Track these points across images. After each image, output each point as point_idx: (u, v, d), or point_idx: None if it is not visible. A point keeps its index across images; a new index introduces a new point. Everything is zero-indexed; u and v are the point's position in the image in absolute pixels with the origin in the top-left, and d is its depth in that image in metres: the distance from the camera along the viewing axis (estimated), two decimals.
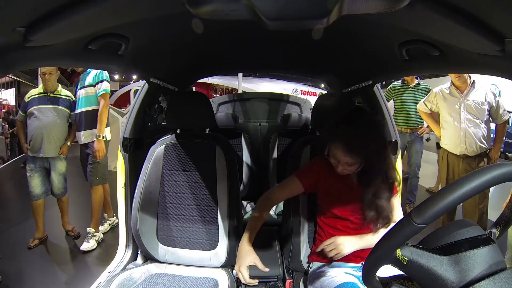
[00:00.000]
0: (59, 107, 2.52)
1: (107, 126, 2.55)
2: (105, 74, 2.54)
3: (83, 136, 2.52)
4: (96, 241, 2.55)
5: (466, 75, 2.31)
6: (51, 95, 2.51)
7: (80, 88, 2.52)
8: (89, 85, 2.48)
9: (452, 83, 2.40)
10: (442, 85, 2.51)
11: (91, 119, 2.49)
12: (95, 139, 2.47)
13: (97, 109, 2.48)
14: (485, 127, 2.32)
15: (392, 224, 1.07)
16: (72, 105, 2.59)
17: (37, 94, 2.52)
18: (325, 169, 1.12)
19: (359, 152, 0.98)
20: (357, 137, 0.97)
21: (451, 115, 2.41)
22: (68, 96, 2.59)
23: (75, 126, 2.60)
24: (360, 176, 1.08)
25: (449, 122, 2.43)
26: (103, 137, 2.47)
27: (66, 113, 2.56)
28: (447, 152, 2.50)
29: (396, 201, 1.14)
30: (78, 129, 2.54)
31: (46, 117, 2.48)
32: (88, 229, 2.55)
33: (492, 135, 2.45)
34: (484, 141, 2.32)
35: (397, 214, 1.13)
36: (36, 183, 2.51)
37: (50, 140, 2.49)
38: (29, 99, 2.52)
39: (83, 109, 2.50)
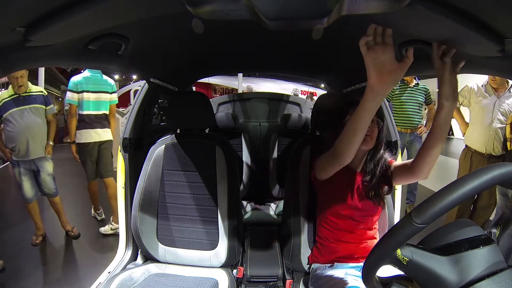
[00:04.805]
0: (36, 105, 2.46)
1: (107, 127, 2.74)
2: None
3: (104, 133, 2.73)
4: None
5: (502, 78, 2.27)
6: (23, 95, 2.41)
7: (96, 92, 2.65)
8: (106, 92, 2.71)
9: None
10: (477, 82, 2.46)
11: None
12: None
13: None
14: None
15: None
16: (46, 100, 2.53)
17: (9, 97, 2.39)
18: None
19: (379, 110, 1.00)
20: None
21: (483, 112, 2.36)
22: (41, 92, 2.53)
23: (54, 123, 2.60)
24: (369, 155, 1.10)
25: (479, 120, 2.38)
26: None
27: (43, 110, 2.51)
28: (471, 151, 2.44)
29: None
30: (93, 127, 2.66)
31: (27, 119, 2.41)
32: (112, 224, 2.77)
33: None
34: (509, 143, 2.31)
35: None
36: (27, 186, 2.50)
37: (36, 141, 2.45)
38: (1, 103, 2.37)
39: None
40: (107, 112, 2.75)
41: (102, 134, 2.71)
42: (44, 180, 2.55)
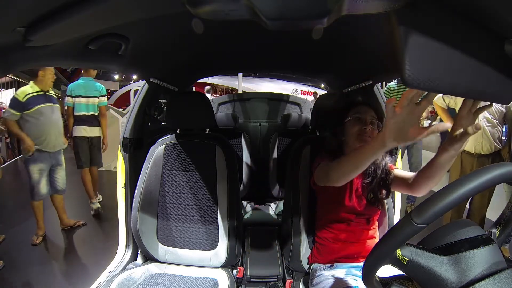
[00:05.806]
0: (57, 104, 2.68)
1: (95, 126, 3.13)
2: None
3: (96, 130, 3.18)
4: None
5: None
6: (48, 93, 2.58)
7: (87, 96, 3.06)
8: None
9: None
10: None
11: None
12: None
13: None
14: (500, 128, 2.35)
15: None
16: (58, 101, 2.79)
17: (35, 92, 2.47)
18: None
19: (380, 111, 1.07)
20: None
21: None
22: (56, 94, 2.78)
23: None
24: None
25: None
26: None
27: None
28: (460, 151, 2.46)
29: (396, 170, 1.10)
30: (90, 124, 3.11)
31: (55, 115, 2.63)
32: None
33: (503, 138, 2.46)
34: (498, 141, 2.35)
35: (403, 171, 1.08)
36: (43, 183, 2.56)
37: (60, 135, 2.68)
38: (27, 97, 2.42)
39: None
40: (96, 113, 3.16)
41: (89, 131, 3.16)
42: (60, 175, 2.71)
